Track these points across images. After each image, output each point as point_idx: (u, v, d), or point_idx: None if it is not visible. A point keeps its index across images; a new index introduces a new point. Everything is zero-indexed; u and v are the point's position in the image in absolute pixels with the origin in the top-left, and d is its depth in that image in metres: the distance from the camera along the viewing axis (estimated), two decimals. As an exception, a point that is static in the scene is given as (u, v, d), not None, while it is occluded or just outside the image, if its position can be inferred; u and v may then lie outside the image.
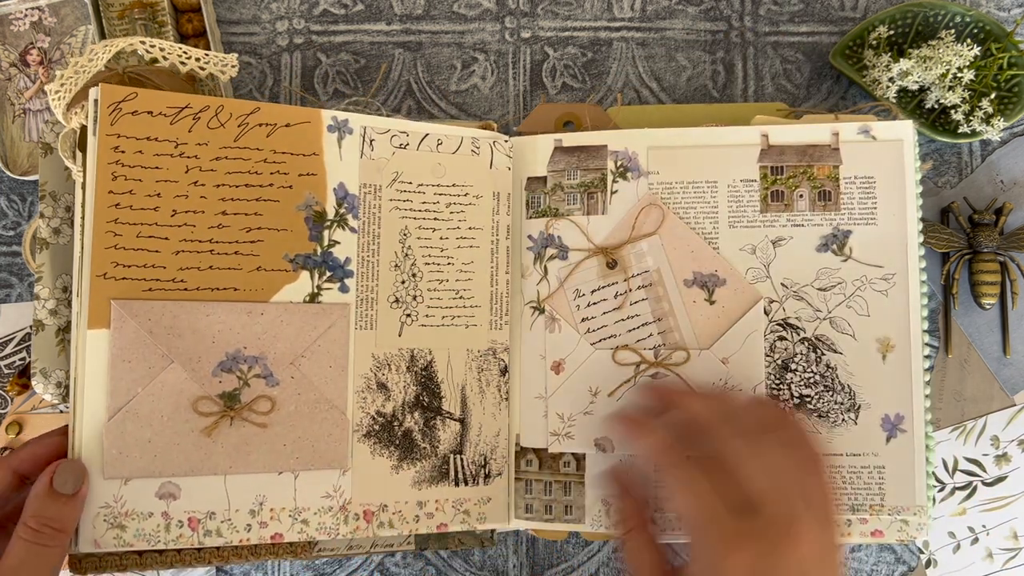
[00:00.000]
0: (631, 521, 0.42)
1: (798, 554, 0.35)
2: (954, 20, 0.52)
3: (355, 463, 0.44)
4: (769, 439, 0.39)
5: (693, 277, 0.47)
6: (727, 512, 0.37)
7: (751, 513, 0.36)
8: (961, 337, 0.53)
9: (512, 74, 0.55)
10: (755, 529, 0.36)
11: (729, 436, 0.39)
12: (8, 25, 0.54)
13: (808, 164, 0.47)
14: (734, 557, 0.35)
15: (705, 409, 0.41)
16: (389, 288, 0.46)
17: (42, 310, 0.43)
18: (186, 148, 0.42)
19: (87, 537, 0.39)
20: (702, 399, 0.42)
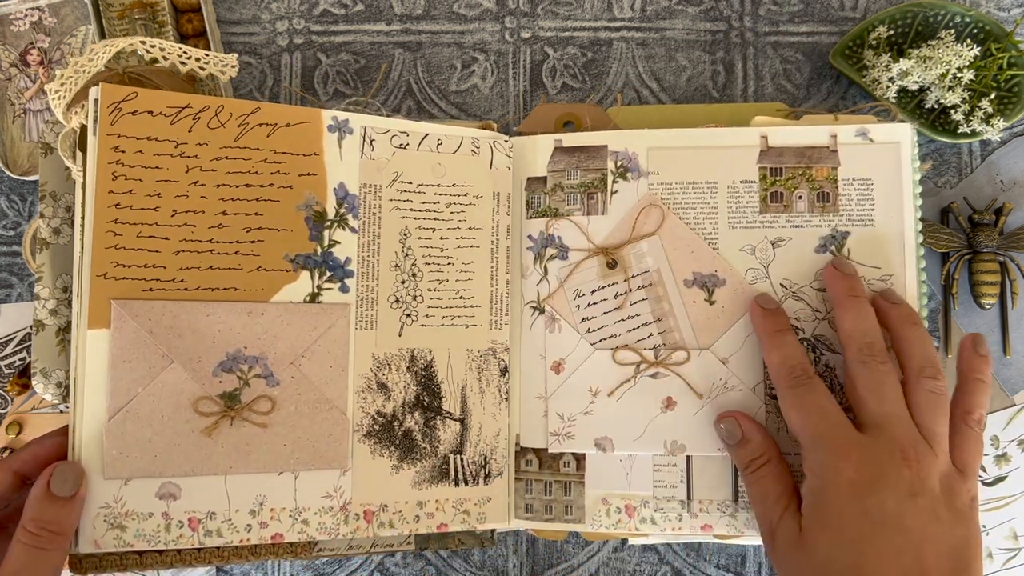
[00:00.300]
0: (772, 449, 0.43)
1: (906, 473, 0.38)
2: (954, 20, 0.52)
3: (355, 463, 0.44)
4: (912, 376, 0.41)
5: (693, 277, 0.47)
6: (845, 428, 0.39)
7: (874, 428, 0.39)
8: (961, 337, 0.53)
9: (512, 74, 0.55)
10: (872, 443, 0.39)
11: (860, 359, 0.41)
12: (8, 25, 0.54)
13: (807, 166, 0.47)
14: (845, 463, 0.38)
15: (854, 327, 0.42)
16: (389, 288, 0.46)
17: (42, 310, 0.43)
18: (186, 148, 0.42)
19: (87, 537, 0.39)
20: (854, 318, 0.43)
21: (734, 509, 0.46)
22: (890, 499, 0.37)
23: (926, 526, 0.37)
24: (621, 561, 0.53)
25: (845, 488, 0.38)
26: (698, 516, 0.46)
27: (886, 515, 0.37)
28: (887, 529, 0.37)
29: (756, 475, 0.43)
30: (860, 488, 0.38)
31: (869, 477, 0.38)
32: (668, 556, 0.53)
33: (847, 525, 0.38)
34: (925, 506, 0.38)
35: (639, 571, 0.53)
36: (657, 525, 0.46)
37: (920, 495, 0.38)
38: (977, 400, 0.42)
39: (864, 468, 0.38)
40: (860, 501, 0.37)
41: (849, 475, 0.38)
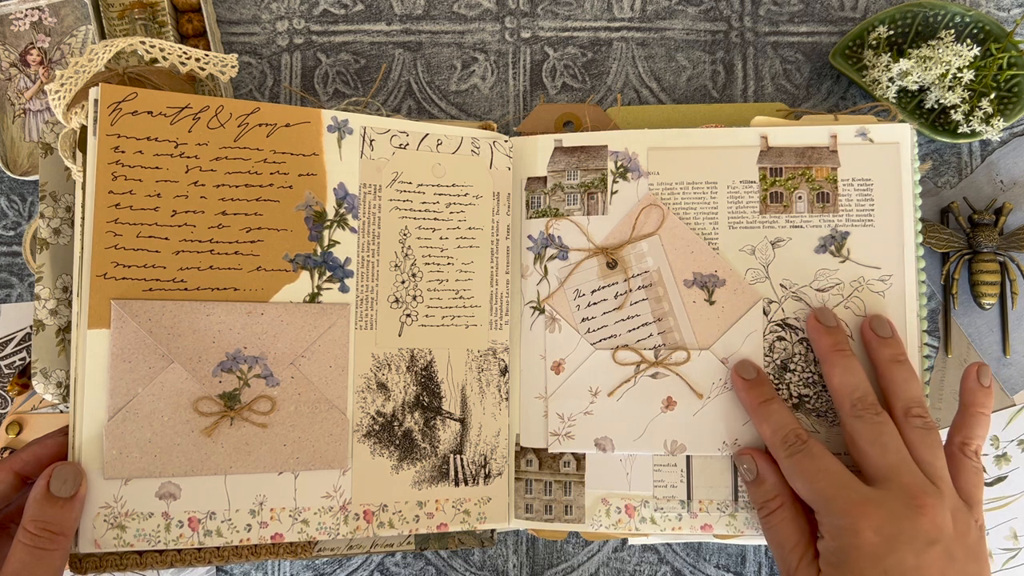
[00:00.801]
0: (786, 493, 0.43)
1: (924, 523, 0.38)
2: (954, 20, 0.52)
3: (355, 463, 0.45)
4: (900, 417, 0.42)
5: (693, 277, 0.47)
6: (853, 486, 0.39)
7: (882, 481, 0.39)
8: (961, 337, 0.53)
9: (512, 74, 0.55)
10: (885, 497, 0.38)
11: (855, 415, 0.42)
12: (8, 25, 0.54)
13: (807, 166, 0.47)
14: (864, 523, 0.38)
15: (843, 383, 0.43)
16: (389, 288, 0.46)
17: (42, 310, 0.43)
18: (186, 148, 0.42)
19: (87, 537, 0.40)
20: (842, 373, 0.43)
21: (734, 509, 0.46)
22: (909, 554, 0.37)
23: (943, 571, 0.37)
24: (621, 561, 0.53)
25: (865, 550, 0.37)
26: (698, 516, 0.46)
27: (906, 570, 0.37)
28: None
29: (770, 520, 0.43)
30: (880, 549, 0.37)
31: (888, 536, 0.38)
32: (668, 556, 0.53)
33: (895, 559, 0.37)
34: (941, 553, 0.38)
35: (639, 571, 0.53)
36: (657, 525, 0.46)
37: (937, 542, 0.38)
38: (976, 432, 0.42)
39: (883, 527, 0.38)
40: (880, 562, 0.37)
41: (868, 537, 0.38)
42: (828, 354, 0.44)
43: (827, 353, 0.44)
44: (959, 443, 0.42)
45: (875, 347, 0.44)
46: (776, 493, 0.43)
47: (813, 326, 0.45)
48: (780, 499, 0.42)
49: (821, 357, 0.45)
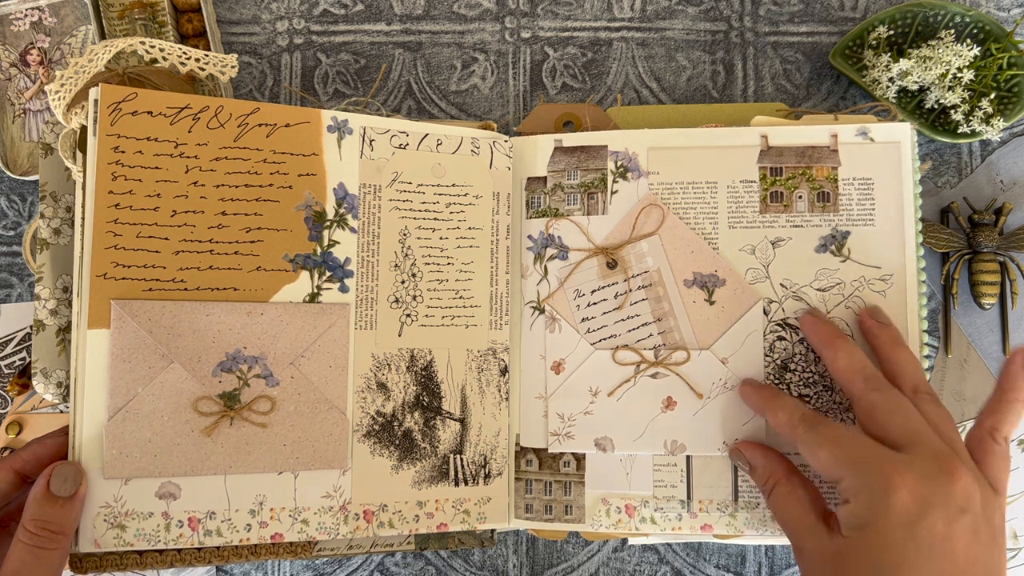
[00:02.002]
0: (779, 471, 0.43)
1: (957, 488, 0.37)
2: (954, 20, 0.52)
3: (355, 463, 0.45)
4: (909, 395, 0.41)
5: (693, 277, 0.47)
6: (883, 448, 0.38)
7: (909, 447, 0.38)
8: (961, 337, 0.53)
9: (512, 74, 0.55)
10: (915, 460, 0.38)
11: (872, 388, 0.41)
12: (8, 25, 0.54)
13: (807, 165, 0.47)
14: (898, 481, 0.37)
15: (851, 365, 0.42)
16: (389, 288, 0.46)
17: (42, 310, 0.43)
18: (186, 148, 0.42)
19: (87, 537, 0.40)
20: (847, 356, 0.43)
21: (734, 509, 0.46)
22: (940, 520, 0.36)
23: (969, 548, 0.36)
24: (621, 561, 0.53)
25: (897, 510, 0.36)
26: (698, 516, 0.46)
27: (935, 539, 0.36)
28: (934, 555, 0.36)
29: (772, 499, 0.43)
30: (911, 511, 0.36)
31: (920, 497, 0.36)
32: (668, 556, 0.53)
33: (892, 549, 0.36)
34: (969, 525, 0.37)
35: (639, 571, 0.53)
36: (657, 525, 0.46)
37: (967, 512, 0.37)
38: (1009, 418, 0.41)
39: (916, 488, 0.37)
40: (911, 526, 0.36)
41: (902, 496, 0.36)
42: (829, 340, 0.44)
43: (827, 340, 0.44)
44: (989, 427, 0.41)
45: (876, 332, 0.44)
46: (768, 474, 0.43)
47: (807, 320, 0.45)
48: (774, 478, 0.43)
49: (821, 345, 0.44)
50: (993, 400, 0.42)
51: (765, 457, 0.44)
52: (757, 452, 0.44)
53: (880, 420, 0.40)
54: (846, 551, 0.38)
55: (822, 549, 0.39)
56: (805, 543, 0.40)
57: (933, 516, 0.36)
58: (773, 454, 0.44)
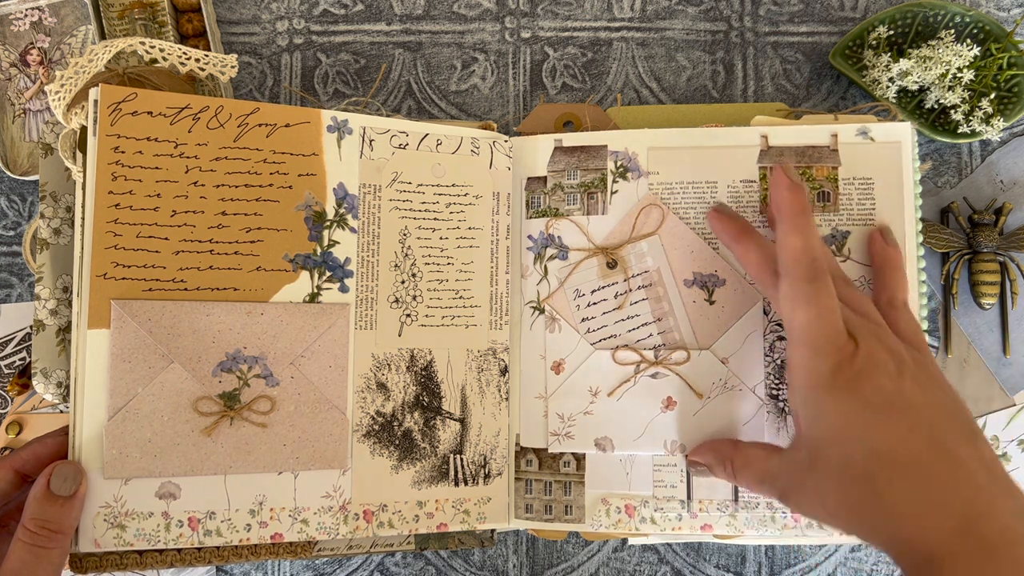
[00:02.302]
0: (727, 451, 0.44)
1: (886, 352, 0.38)
2: (954, 20, 0.52)
3: (355, 463, 0.45)
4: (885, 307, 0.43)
5: (693, 277, 0.47)
6: (844, 329, 0.38)
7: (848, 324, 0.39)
8: (961, 337, 0.53)
9: (512, 74, 0.55)
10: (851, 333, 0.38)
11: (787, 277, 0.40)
12: (8, 25, 0.54)
13: (807, 165, 0.47)
14: (837, 358, 0.37)
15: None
16: (389, 288, 0.46)
17: (42, 310, 0.43)
18: (186, 148, 0.42)
19: (87, 537, 0.40)
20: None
21: (734, 509, 0.46)
22: (885, 379, 0.37)
23: (924, 396, 0.37)
24: (621, 561, 0.53)
25: (841, 387, 0.37)
26: (698, 516, 0.46)
27: (886, 396, 0.36)
28: (893, 410, 0.36)
29: (737, 480, 0.43)
30: (854, 382, 0.37)
31: (861, 366, 0.37)
32: (668, 556, 0.53)
33: (853, 422, 0.36)
34: (912, 378, 0.37)
35: (639, 571, 0.53)
36: (657, 525, 0.46)
37: (904, 369, 0.37)
38: (898, 285, 0.43)
39: (855, 361, 0.37)
40: (858, 393, 0.36)
41: (846, 373, 0.37)
42: (739, 236, 0.43)
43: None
44: (886, 300, 0.43)
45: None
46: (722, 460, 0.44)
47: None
48: (728, 459, 0.43)
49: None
50: (876, 278, 0.44)
51: (711, 449, 0.45)
52: (703, 451, 0.45)
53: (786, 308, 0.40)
54: (816, 452, 0.38)
55: (797, 471, 0.39)
56: (783, 481, 0.40)
57: (876, 378, 0.37)
58: (715, 443, 0.45)
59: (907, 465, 0.35)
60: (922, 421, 0.36)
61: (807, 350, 0.38)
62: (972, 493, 0.34)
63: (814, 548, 0.52)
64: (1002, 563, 0.32)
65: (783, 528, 0.46)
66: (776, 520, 0.46)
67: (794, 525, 0.46)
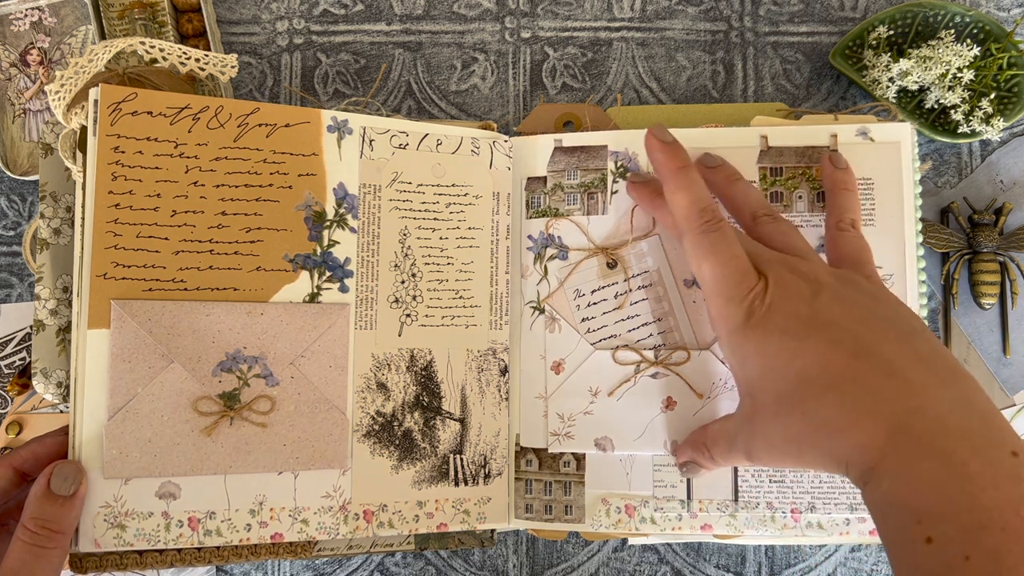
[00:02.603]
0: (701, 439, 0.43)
1: (798, 278, 0.38)
2: (954, 20, 0.52)
3: (355, 463, 0.45)
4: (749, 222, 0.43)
5: (693, 277, 0.47)
6: (752, 270, 0.38)
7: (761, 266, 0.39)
8: (961, 337, 0.53)
9: (512, 74, 0.55)
10: (771, 269, 0.38)
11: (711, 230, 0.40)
12: (8, 25, 0.54)
13: (807, 165, 0.47)
14: (751, 299, 0.37)
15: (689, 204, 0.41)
16: (389, 288, 0.46)
17: (42, 310, 0.43)
18: (186, 148, 0.42)
19: (87, 536, 0.40)
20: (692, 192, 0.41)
21: (734, 509, 0.46)
22: (803, 306, 0.36)
23: (845, 312, 0.36)
24: (621, 561, 0.53)
25: (761, 326, 0.37)
26: (698, 516, 0.46)
27: (800, 321, 0.36)
28: (810, 331, 0.36)
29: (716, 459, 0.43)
30: (772, 318, 0.36)
31: (772, 300, 0.37)
32: (668, 556, 0.53)
33: (774, 354, 0.36)
34: (831, 297, 0.37)
35: (639, 571, 0.53)
36: (657, 525, 0.46)
37: (822, 291, 0.37)
38: (846, 206, 0.43)
39: (766, 296, 0.37)
40: (781, 330, 0.36)
41: (759, 311, 0.37)
42: (673, 171, 0.41)
43: (672, 171, 0.41)
44: (834, 223, 0.43)
45: (709, 177, 0.43)
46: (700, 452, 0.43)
47: (652, 142, 0.42)
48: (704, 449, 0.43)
49: (665, 176, 0.41)
50: (827, 201, 0.44)
51: (689, 445, 0.45)
52: (683, 449, 0.45)
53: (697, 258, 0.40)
54: (756, 396, 0.38)
55: (745, 423, 0.39)
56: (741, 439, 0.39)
57: (793, 306, 0.36)
58: (688, 439, 0.45)
59: (832, 381, 0.34)
60: (844, 335, 0.35)
61: (720, 300, 0.38)
62: (902, 392, 0.33)
63: (814, 548, 0.52)
64: (934, 456, 0.31)
65: (783, 528, 0.46)
66: (776, 520, 0.46)
67: (794, 525, 0.46)
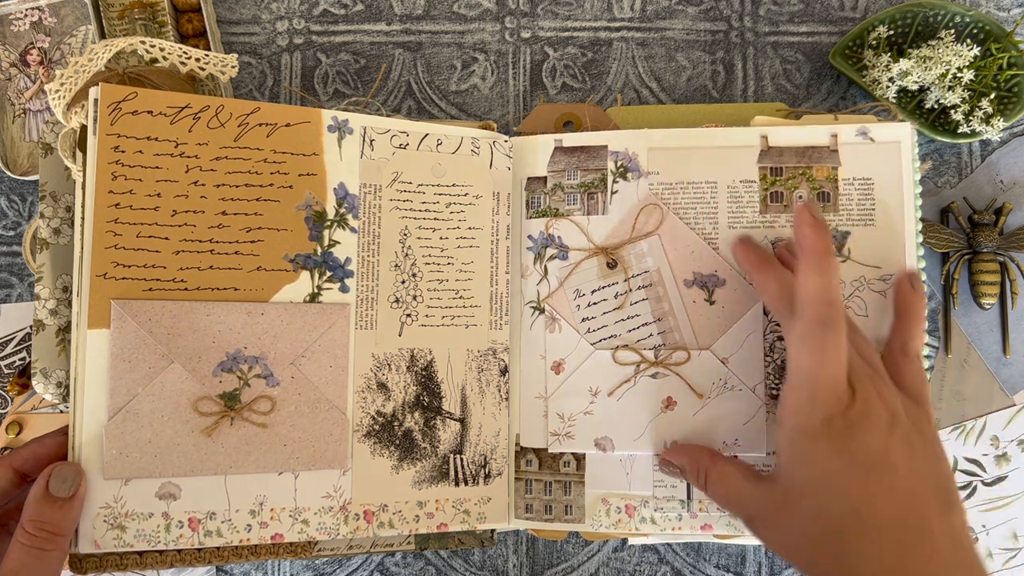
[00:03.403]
0: (704, 459, 0.43)
1: (882, 405, 0.38)
2: (954, 20, 0.52)
3: (355, 463, 0.44)
4: None
5: (693, 277, 0.47)
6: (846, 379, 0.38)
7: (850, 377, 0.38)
8: (961, 337, 0.53)
9: (512, 74, 0.55)
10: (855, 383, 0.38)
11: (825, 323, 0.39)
12: (8, 25, 0.54)
13: (807, 165, 0.47)
14: (834, 409, 0.37)
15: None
16: (389, 288, 0.46)
17: (42, 310, 0.43)
18: (186, 148, 0.42)
19: (87, 537, 0.39)
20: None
21: (734, 509, 0.46)
22: (874, 437, 0.37)
23: (909, 460, 0.37)
24: (621, 561, 0.53)
25: (829, 438, 0.37)
26: (698, 516, 0.46)
27: (872, 455, 0.36)
28: (875, 469, 0.36)
29: (709, 487, 0.43)
30: (843, 436, 0.37)
31: (853, 420, 0.37)
32: (668, 556, 0.53)
33: (834, 476, 0.37)
34: (902, 438, 0.37)
35: (639, 571, 0.53)
36: (657, 525, 0.46)
37: (896, 426, 0.37)
38: (914, 334, 0.42)
39: (849, 413, 0.37)
40: (845, 450, 0.36)
41: (838, 425, 0.37)
42: (760, 266, 0.43)
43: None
44: (898, 348, 0.42)
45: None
46: (697, 467, 0.43)
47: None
48: (703, 468, 0.43)
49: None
50: (895, 323, 0.44)
51: (687, 454, 0.44)
52: (679, 454, 0.45)
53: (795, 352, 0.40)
54: (792, 493, 0.38)
55: (770, 504, 0.39)
56: (753, 508, 0.40)
57: (866, 435, 0.37)
58: (694, 449, 0.45)
59: (878, 529, 0.35)
60: (902, 486, 0.36)
61: (804, 394, 0.38)
62: (932, 566, 0.34)
63: (814, 548, 0.52)
64: None
65: (783, 528, 0.46)
66: (776, 520, 0.46)
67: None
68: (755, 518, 0.40)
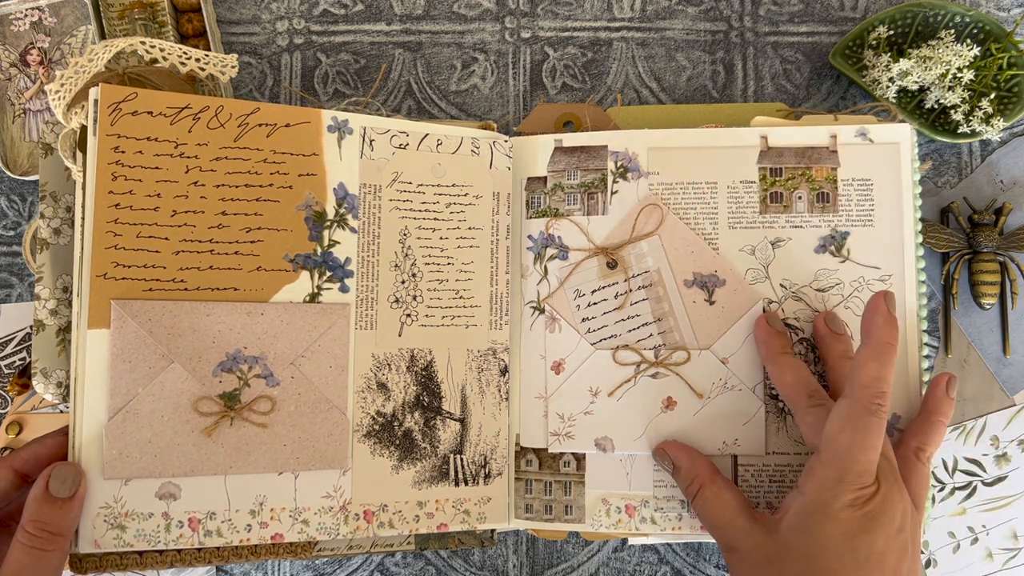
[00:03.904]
0: (704, 474, 0.44)
1: (899, 509, 0.39)
2: (954, 20, 0.52)
3: (355, 463, 0.45)
4: None
5: (693, 277, 0.47)
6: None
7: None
8: (961, 337, 0.53)
9: (512, 74, 0.55)
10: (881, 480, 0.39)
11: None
12: (8, 25, 0.54)
13: (807, 166, 0.47)
14: (861, 494, 0.38)
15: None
16: (389, 288, 0.46)
17: (42, 310, 0.43)
18: (186, 148, 0.42)
19: (87, 537, 0.40)
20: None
21: (734, 509, 0.46)
22: (881, 538, 0.38)
23: (899, 563, 0.38)
24: (621, 561, 0.53)
25: (843, 522, 0.38)
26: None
27: (872, 554, 0.37)
28: (868, 568, 0.37)
29: (697, 501, 0.43)
30: (856, 525, 0.38)
31: (871, 513, 0.38)
32: (668, 556, 0.53)
33: (830, 557, 0.37)
34: (903, 543, 0.38)
35: (639, 571, 0.53)
36: (657, 525, 0.46)
37: (903, 531, 0.38)
38: (933, 438, 0.43)
39: (870, 503, 0.38)
40: (852, 539, 0.37)
41: (856, 512, 0.38)
42: (777, 356, 0.44)
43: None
44: (915, 447, 0.42)
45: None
46: (693, 476, 0.44)
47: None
48: (699, 480, 0.43)
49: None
50: (918, 420, 0.44)
51: (690, 459, 0.44)
52: (682, 453, 0.45)
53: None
54: (785, 553, 0.39)
55: (760, 551, 0.40)
56: (740, 544, 0.41)
57: (876, 533, 0.37)
58: (698, 456, 0.45)
59: None
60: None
61: (833, 473, 0.38)
62: None
63: (814, 548, 0.52)
64: None
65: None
66: (776, 520, 0.46)
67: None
68: (737, 552, 0.41)
